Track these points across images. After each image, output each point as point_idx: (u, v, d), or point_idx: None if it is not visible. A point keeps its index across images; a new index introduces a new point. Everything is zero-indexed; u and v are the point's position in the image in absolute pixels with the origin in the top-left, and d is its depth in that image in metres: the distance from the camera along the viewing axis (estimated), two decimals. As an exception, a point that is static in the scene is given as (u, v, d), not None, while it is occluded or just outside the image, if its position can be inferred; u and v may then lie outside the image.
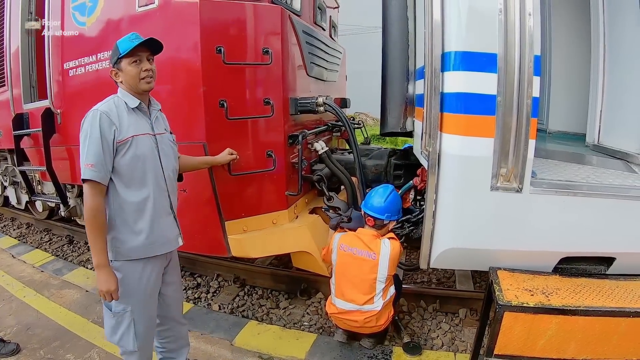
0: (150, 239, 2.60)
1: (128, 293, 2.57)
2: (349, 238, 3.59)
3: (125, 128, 2.51)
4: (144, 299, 2.65)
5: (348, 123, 4.37)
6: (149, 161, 2.59)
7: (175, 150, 2.90)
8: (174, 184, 2.85)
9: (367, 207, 3.57)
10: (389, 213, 3.52)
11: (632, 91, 3.39)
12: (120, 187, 2.52)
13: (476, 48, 2.60)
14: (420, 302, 4.51)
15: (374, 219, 3.52)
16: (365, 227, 3.61)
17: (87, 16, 4.07)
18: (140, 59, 2.57)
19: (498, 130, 2.61)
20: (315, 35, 4.69)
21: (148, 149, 2.60)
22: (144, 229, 2.57)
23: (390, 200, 3.55)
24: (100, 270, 2.45)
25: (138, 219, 2.56)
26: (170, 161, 2.78)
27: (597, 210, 2.83)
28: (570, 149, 3.95)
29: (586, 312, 2.58)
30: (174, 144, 2.88)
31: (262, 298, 4.81)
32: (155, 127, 2.70)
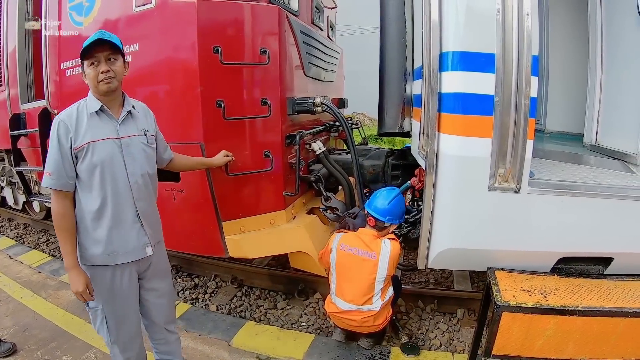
0: (110, 249, 2.53)
1: (98, 293, 2.57)
2: (349, 238, 3.60)
3: (82, 134, 2.45)
4: (113, 301, 2.63)
5: (345, 123, 4.37)
6: (108, 168, 2.48)
7: (149, 152, 2.71)
8: (144, 189, 2.65)
9: (370, 207, 3.59)
10: (391, 216, 3.54)
11: (629, 91, 3.38)
12: (81, 194, 2.50)
13: (474, 48, 2.60)
14: (418, 302, 4.51)
15: (375, 219, 3.54)
16: (366, 227, 3.63)
17: (85, 16, 4.04)
18: (97, 60, 2.46)
19: (496, 130, 2.61)
20: (313, 35, 4.68)
21: (108, 154, 2.48)
22: (102, 238, 2.51)
23: (394, 203, 3.57)
24: (69, 272, 2.48)
25: (96, 227, 2.51)
26: (138, 166, 2.61)
27: (595, 211, 2.83)
28: (568, 149, 3.94)
29: (584, 312, 2.58)
30: (148, 146, 2.70)
31: (260, 298, 4.80)
32: (122, 129, 2.57)
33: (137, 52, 3.70)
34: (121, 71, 2.54)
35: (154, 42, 3.66)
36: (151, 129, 2.77)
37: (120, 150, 2.53)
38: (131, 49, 3.70)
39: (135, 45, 3.70)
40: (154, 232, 2.75)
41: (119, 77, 2.52)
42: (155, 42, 3.65)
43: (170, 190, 3.76)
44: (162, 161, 2.97)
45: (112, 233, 2.53)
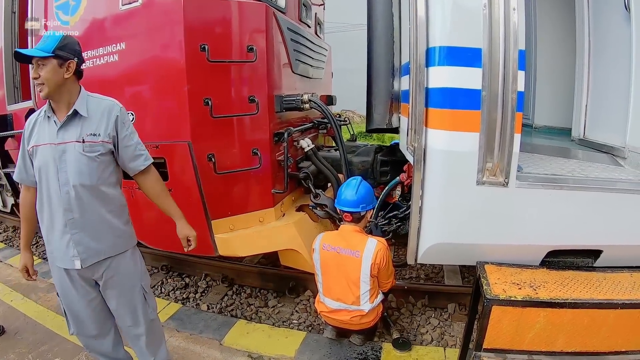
0: (49, 249, 2.60)
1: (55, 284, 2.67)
2: (331, 237, 3.59)
3: (33, 137, 2.49)
4: (65, 297, 2.67)
5: (334, 120, 4.37)
6: (44, 174, 2.45)
7: (86, 162, 2.46)
8: (77, 202, 2.46)
9: (340, 204, 3.58)
10: (363, 204, 3.53)
11: (617, 86, 3.40)
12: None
13: (461, 43, 2.60)
14: (409, 297, 4.51)
15: (350, 213, 3.53)
16: (344, 224, 3.61)
17: (71, 15, 4.01)
18: (33, 66, 2.40)
19: (483, 124, 2.61)
20: (300, 32, 4.68)
21: (45, 160, 2.43)
22: (44, 237, 2.58)
23: (361, 191, 3.56)
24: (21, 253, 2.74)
25: (41, 226, 2.58)
26: (71, 176, 2.43)
27: (583, 204, 2.84)
28: (556, 143, 3.97)
29: (574, 304, 2.58)
30: (86, 154, 2.45)
31: (251, 297, 4.79)
32: (61, 134, 2.44)
33: (124, 50, 3.68)
34: (51, 76, 2.37)
35: (141, 40, 3.63)
36: (103, 133, 2.51)
37: (55, 157, 2.43)
38: (118, 47, 3.68)
39: (121, 44, 3.68)
40: (97, 246, 2.57)
41: (49, 83, 2.37)
42: (141, 40, 3.63)
43: (158, 190, 3.73)
44: (128, 170, 2.71)
45: (48, 236, 2.55)
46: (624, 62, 3.22)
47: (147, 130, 3.67)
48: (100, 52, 3.78)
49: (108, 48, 3.73)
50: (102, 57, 3.77)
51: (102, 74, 3.79)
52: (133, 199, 3.91)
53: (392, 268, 3.59)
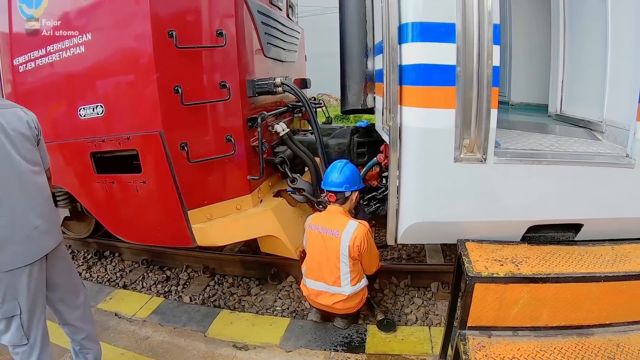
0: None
1: None
2: (318, 218, 3.62)
3: None
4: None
5: (307, 103, 4.32)
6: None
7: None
8: None
9: (326, 185, 3.60)
10: (347, 184, 3.54)
11: (592, 60, 3.41)
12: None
13: (433, 18, 2.56)
14: (392, 278, 4.53)
15: (335, 193, 3.53)
16: (330, 205, 3.61)
17: (35, 8, 3.87)
18: None
19: (459, 101, 2.58)
20: (271, 15, 4.59)
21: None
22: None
23: (346, 172, 3.57)
24: None
25: None
26: None
27: (563, 178, 2.85)
28: (533, 119, 3.97)
29: (557, 279, 2.59)
30: None
31: (233, 286, 4.75)
32: None
33: (90, 41, 3.57)
34: None
35: (107, 30, 3.52)
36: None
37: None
38: (84, 39, 3.57)
39: (87, 35, 3.56)
40: None
41: None
42: (107, 30, 3.52)
43: (132, 182, 3.67)
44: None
45: None
46: (600, 37, 3.22)
47: (118, 122, 3.61)
48: (66, 45, 3.67)
49: (74, 40, 3.62)
50: (69, 49, 3.66)
51: (69, 67, 3.70)
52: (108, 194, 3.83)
53: (375, 251, 3.58)
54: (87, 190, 4.06)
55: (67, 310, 2.89)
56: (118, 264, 5.37)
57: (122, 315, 4.08)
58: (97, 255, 5.54)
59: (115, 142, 3.63)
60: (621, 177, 2.86)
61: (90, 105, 3.65)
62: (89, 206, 4.22)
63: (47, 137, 3.97)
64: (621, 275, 2.62)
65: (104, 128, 3.66)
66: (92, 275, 5.17)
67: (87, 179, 3.95)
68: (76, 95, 3.75)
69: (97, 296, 4.44)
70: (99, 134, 3.69)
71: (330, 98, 19.77)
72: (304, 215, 4.41)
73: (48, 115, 3.97)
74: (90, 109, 3.65)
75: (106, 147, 3.71)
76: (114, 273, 5.16)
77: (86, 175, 3.93)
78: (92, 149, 3.77)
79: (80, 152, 3.85)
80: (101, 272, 5.22)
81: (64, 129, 3.91)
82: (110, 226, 4.16)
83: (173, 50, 3.34)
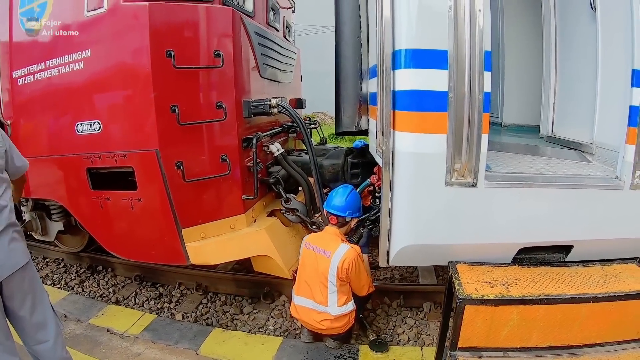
0: None
1: None
2: (314, 237, 3.68)
3: None
4: None
5: (302, 124, 4.36)
6: None
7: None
8: None
9: (329, 207, 3.64)
10: (350, 210, 3.61)
11: (583, 83, 3.46)
12: None
13: (426, 45, 2.61)
14: (384, 298, 4.53)
15: (337, 217, 3.60)
16: (329, 226, 3.66)
17: (35, 22, 3.91)
18: None
19: (451, 126, 2.62)
20: (268, 36, 4.65)
21: None
22: None
23: (350, 198, 3.63)
24: None
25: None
26: None
27: (553, 201, 2.89)
28: (524, 141, 4.02)
29: (546, 300, 2.63)
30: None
31: (226, 304, 4.74)
32: None
33: (90, 58, 3.61)
34: None
35: (106, 47, 3.56)
36: None
37: None
38: (83, 55, 3.62)
39: (87, 51, 3.61)
40: None
41: None
42: (107, 47, 3.56)
43: (128, 199, 3.69)
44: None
45: None
46: (590, 60, 3.29)
47: (115, 139, 3.64)
48: (65, 60, 3.71)
49: (73, 56, 3.66)
50: (68, 64, 3.70)
51: (68, 82, 3.73)
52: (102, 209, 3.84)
53: (365, 277, 3.60)
54: (82, 205, 4.08)
55: (31, 342, 2.75)
56: (111, 279, 5.35)
57: (114, 331, 4.05)
58: (90, 270, 5.51)
59: (111, 159, 3.65)
60: (611, 198, 2.91)
61: (88, 122, 3.68)
62: (83, 221, 4.22)
63: (43, 150, 4.03)
64: (610, 295, 2.66)
65: (101, 144, 3.68)
66: (85, 289, 5.14)
67: (82, 194, 3.97)
68: (74, 111, 3.78)
69: (89, 311, 4.41)
70: (96, 150, 3.71)
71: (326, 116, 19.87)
72: (297, 236, 4.44)
73: (45, 129, 4.02)
74: (88, 125, 3.68)
75: (102, 164, 3.73)
76: (107, 288, 5.14)
77: (81, 191, 3.94)
78: (88, 164, 3.79)
79: (76, 168, 3.87)
80: (94, 287, 5.18)
81: (60, 144, 3.93)
82: (104, 242, 4.17)
83: (171, 70, 3.39)
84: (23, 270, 2.59)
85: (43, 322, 2.74)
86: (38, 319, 2.71)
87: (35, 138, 4.12)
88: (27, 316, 2.66)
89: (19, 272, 2.55)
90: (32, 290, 2.68)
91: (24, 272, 2.60)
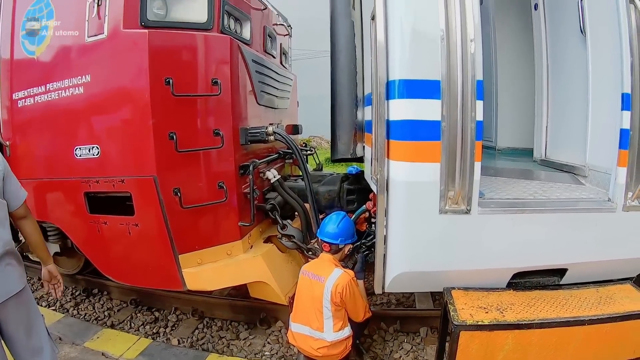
0: None
1: None
2: (310, 264, 3.67)
3: None
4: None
5: (298, 151, 4.42)
6: None
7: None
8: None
9: (322, 234, 3.64)
10: (343, 237, 3.59)
11: (575, 106, 3.54)
12: None
13: (419, 76, 2.67)
14: (381, 324, 4.49)
15: (329, 244, 3.58)
16: (323, 253, 3.65)
17: (37, 45, 3.96)
18: None
19: (444, 154, 2.67)
20: (265, 64, 4.71)
21: None
22: None
23: (343, 225, 3.63)
24: None
25: None
26: None
27: (547, 225, 2.94)
28: (518, 165, 4.07)
29: (541, 324, 2.65)
30: None
31: (222, 330, 4.70)
32: None
33: (89, 83, 3.65)
34: None
35: (106, 73, 3.61)
36: None
37: None
38: (83, 79, 3.66)
39: (87, 76, 3.65)
40: None
41: None
42: (106, 73, 3.61)
43: (125, 224, 3.70)
44: None
45: None
46: (581, 84, 3.36)
47: (113, 164, 3.67)
48: (65, 84, 3.75)
49: (73, 80, 3.70)
50: (68, 89, 3.74)
51: (68, 107, 3.77)
52: (99, 233, 3.85)
53: (361, 301, 3.60)
54: (78, 228, 4.08)
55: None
56: (106, 303, 5.30)
57: (109, 355, 4.01)
58: (86, 293, 5.48)
59: (109, 183, 3.67)
60: (604, 221, 2.96)
61: (87, 146, 3.71)
62: (80, 244, 4.23)
63: (41, 173, 4.05)
64: (605, 317, 2.69)
65: (99, 169, 3.71)
66: (80, 312, 5.10)
67: (79, 217, 3.98)
68: (73, 135, 3.81)
69: (84, 334, 4.36)
70: (94, 174, 3.73)
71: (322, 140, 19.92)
72: (293, 261, 4.44)
73: (44, 151, 4.04)
74: (86, 150, 3.71)
75: (100, 188, 3.75)
76: (102, 311, 5.10)
77: (79, 214, 3.95)
78: (86, 188, 3.81)
79: (74, 191, 3.89)
80: (89, 310, 5.15)
81: (58, 167, 3.95)
82: (101, 265, 4.17)
83: (169, 97, 3.43)
84: (19, 296, 2.60)
85: (39, 346, 2.75)
86: (34, 344, 2.72)
87: (33, 160, 4.14)
88: (23, 341, 2.67)
89: (14, 298, 2.56)
90: (28, 315, 2.70)
91: (19, 298, 2.61)
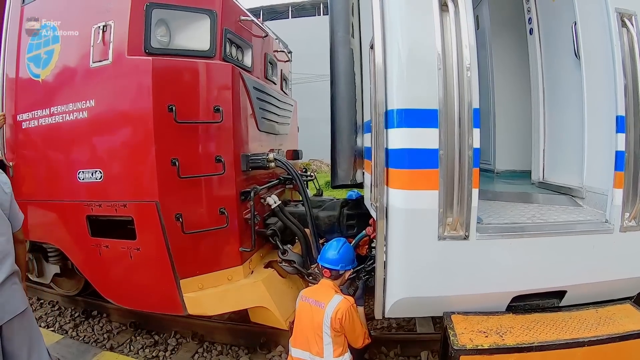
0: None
1: None
2: (310, 290, 3.65)
3: None
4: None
5: (298, 177, 4.48)
6: None
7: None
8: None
9: (322, 260, 3.65)
10: (343, 263, 3.60)
11: (571, 129, 3.59)
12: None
13: (417, 105, 2.72)
14: (382, 348, 4.47)
15: (330, 270, 3.59)
16: (323, 279, 3.66)
17: (42, 68, 4.03)
18: None
19: (442, 182, 2.71)
20: (266, 90, 4.78)
21: None
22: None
23: (343, 251, 3.64)
24: None
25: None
26: None
27: (545, 249, 2.95)
28: (516, 188, 4.09)
29: (540, 347, 2.65)
30: None
31: (222, 354, 4.66)
32: None
33: (93, 107, 3.72)
34: None
35: (110, 98, 3.68)
36: None
37: None
38: (87, 104, 3.72)
39: (91, 100, 3.72)
40: None
41: None
42: (111, 98, 3.68)
43: (126, 248, 3.73)
44: None
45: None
46: (577, 107, 3.42)
47: (116, 188, 3.71)
48: (69, 108, 3.82)
49: (77, 104, 3.77)
50: (71, 113, 3.81)
51: (71, 130, 3.82)
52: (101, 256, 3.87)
53: (360, 327, 3.60)
54: (80, 250, 4.11)
55: None
56: (105, 325, 5.30)
57: (108, 378, 4.02)
58: (85, 314, 5.47)
59: (111, 207, 3.71)
60: (601, 242, 2.98)
61: (90, 170, 3.75)
62: (81, 266, 4.26)
63: (44, 194, 4.10)
64: (605, 338, 2.69)
65: (102, 193, 3.75)
66: (79, 333, 5.09)
67: (81, 240, 4.01)
68: (76, 159, 3.86)
69: (83, 356, 4.36)
70: (96, 198, 3.77)
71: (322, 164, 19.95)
72: (293, 286, 4.45)
73: (46, 173, 4.09)
74: (89, 173, 3.76)
75: (102, 212, 3.79)
76: (101, 334, 5.09)
77: (80, 237, 3.98)
78: (88, 212, 3.84)
79: (76, 214, 3.92)
80: (88, 332, 5.14)
81: (61, 189, 3.99)
82: (101, 288, 4.19)
83: (172, 124, 3.49)
84: (23, 315, 2.67)
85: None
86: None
87: (36, 181, 4.19)
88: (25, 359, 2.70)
89: (18, 317, 2.63)
90: (30, 334, 2.76)
91: (23, 317, 2.67)
